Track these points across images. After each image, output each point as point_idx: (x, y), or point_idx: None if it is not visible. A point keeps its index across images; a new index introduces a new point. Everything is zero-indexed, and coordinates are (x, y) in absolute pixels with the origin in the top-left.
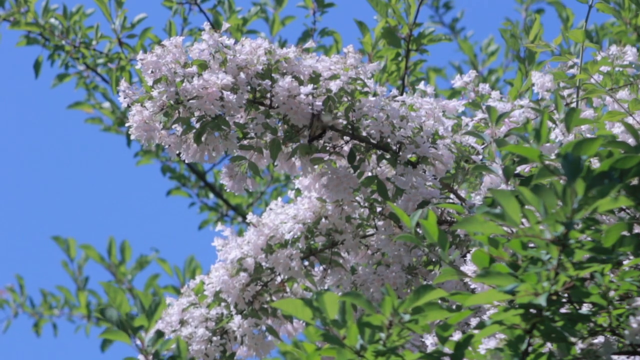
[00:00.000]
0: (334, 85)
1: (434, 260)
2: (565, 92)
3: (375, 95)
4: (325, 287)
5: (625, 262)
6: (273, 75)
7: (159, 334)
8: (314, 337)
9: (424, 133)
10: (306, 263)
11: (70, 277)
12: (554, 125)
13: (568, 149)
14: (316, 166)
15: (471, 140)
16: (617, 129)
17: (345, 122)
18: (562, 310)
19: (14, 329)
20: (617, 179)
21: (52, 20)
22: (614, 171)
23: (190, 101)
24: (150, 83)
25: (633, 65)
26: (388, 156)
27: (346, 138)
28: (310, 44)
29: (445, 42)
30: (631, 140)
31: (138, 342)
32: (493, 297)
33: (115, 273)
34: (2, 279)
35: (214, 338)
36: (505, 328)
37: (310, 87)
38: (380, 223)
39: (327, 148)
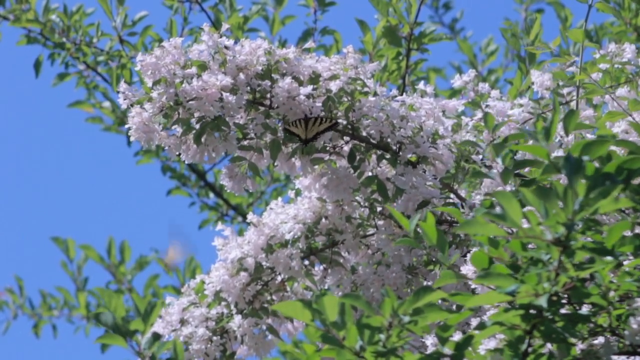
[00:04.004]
0: (333, 86)
1: (434, 259)
2: (565, 90)
3: (375, 95)
4: (326, 287)
5: (625, 263)
6: (273, 75)
7: (155, 336)
8: (314, 337)
9: (424, 133)
10: (306, 262)
11: (69, 277)
12: None
13: (576, 150)
14: (316, 166)
15: (471, 139)
16: (617, 129)
17: (345, 122)
18: (562, 311)
19: (14, 330)
20: (619, 180)
21: (53, 17)
22: (620, 172)
23: (190, 102)
24: (149, 84)
25: (632, 63)
26: (388, 156)
27: (346, 138)
28: (310, 44)
29: (446, 41)
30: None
31: (135, 344)
32: (494, 299)
33: (115, 273)
34: (1, 281)
35: (214, 337)
36: (506, 329)
37: (309, 88)
38: (380, 223)
39: (327, 148)
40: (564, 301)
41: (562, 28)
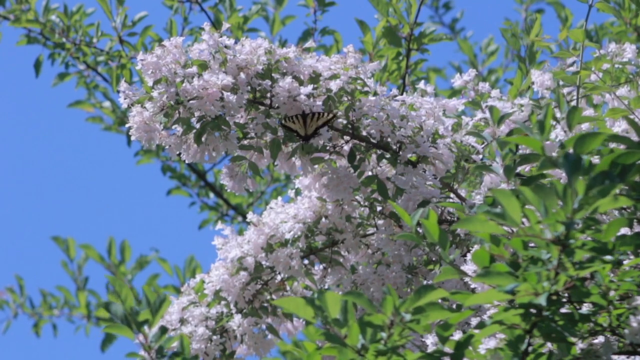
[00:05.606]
0: (334, 85)
1: (434, 259)
2: (565, 90)
3: (375, 94)
4: (326, 286)
5: (625, 262)
6: (273, 75)
7: (163, 329)
8: (314, 336)
9: (424, 132)
10: (306, 262)
11: (70, 277)
12: (554, 124)
13: (570, 144)
14: (316, 166)
15: (471, 139)
16: (618, 128)
17: (345, 122)
18: (562, 310)
19: (14, 329)
20: (618, 177)
21: (53, 17)
22: (614, 167)
23: (191, 102)
24: (150, 84)
25: (632, 63)
26: (388, 156)
27: (346, 138)
28: (310, 43)
29: (446, 41)
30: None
31: (141, 337)
32: (493, 297)
33: (115, 273)
34: (2, 280)
35: (214, 337)
36: (505, 328)
37: (310, 87)
38: (380, 222)
39: (327, 148)
40: (564, 300)
41: (562, 28)
